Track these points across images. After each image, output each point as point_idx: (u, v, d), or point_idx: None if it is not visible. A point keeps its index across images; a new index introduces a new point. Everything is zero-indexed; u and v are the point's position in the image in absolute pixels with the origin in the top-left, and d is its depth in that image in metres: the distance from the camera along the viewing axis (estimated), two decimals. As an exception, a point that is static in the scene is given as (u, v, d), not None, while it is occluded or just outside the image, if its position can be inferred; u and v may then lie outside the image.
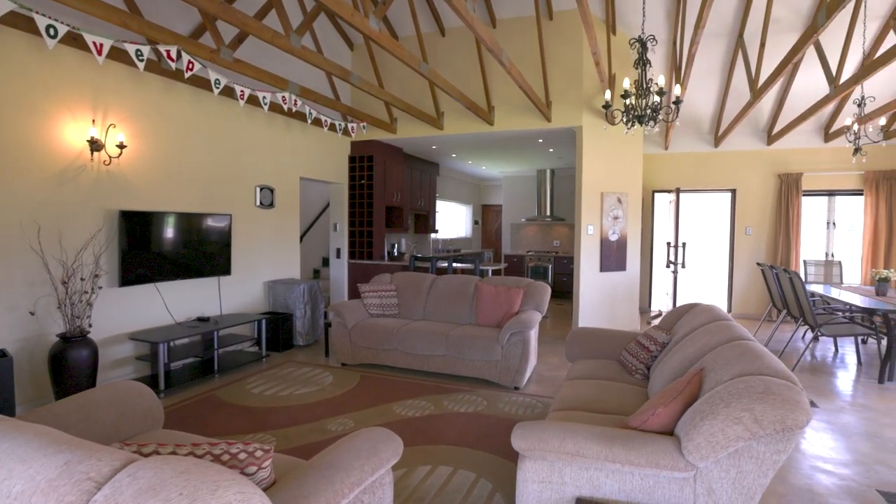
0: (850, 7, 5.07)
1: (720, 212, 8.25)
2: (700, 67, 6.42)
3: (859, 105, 5.19)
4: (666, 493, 1.86)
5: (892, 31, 5.13)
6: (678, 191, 7.02)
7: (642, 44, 3.78)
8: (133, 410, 2.22)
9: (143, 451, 1.40)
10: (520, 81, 4.59)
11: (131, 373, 4.29)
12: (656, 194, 8.24)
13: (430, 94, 6.43)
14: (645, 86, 3.79)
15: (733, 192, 7.86)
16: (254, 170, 5.48)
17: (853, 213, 7.63)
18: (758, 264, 6.36)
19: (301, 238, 8.17)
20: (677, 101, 3.73)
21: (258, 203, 5.53)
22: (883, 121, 5.49)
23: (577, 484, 1.94)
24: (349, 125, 6.26)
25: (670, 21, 5.82)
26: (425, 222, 9.06)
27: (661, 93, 3.65)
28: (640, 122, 3.81)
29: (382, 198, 7.23)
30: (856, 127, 5.31)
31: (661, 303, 8.32)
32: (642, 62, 3.80)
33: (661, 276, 8.90)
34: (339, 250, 7.20)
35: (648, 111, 3.78)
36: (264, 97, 4.78)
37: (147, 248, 4.24)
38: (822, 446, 3.31)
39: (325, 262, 8.58)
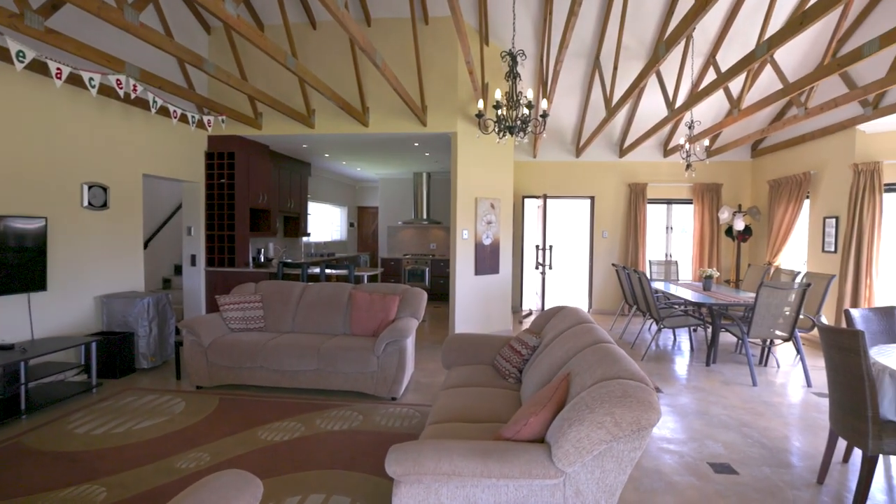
0: (682, 43, 5.85)
1: (582, 217, 9.03)
2: (564, 83, 6.94)
3: (690, 127, 6.01)
4: (538, 500, 1.88)
5: (711, 68, 6.04)
6: (545, 197, 7.51)
7: (512, 57, 3.92)
8: None
9: None
10: (394, 84, 4.49)
11: None
12: (526, 200, 8.75)
13: (301, 91, 6.03)
14: (515, 98, 3.94)
15: (592, 198, 8.65)
16: (80, 164, 4.61)
17: (685, 219, 8.86)
18: (612, 265, 7.05)
19: (146, 244, 7.16)
20: (544, 115, 3.93)
21: (86, 203, 4.66)
22: (706, 142, 6.43)
23: (454, 503, 1.89)
24: (205, 118, 5.61)
25: (538, 38, 6.18)
26: (296, 225, 8.53)
27: (529, 105, 3.80)
28: (511, 133, 3.94)
29: (246, 199, 6.62)
30: (687, 146, 6.15)
31: (531, 302, 8.84)
32: (513, 75, 3.94)
33: (531, 277, 9.46)
34: (194, 257, 6.42)
35: (518, 122, 3.92)
36: (91, 79, 4.03)
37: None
38: (666, 428, 3.71)
39: (178, 270, 7.62)
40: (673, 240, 8.81)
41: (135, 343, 4.74)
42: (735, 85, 6.29)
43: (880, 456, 2.60)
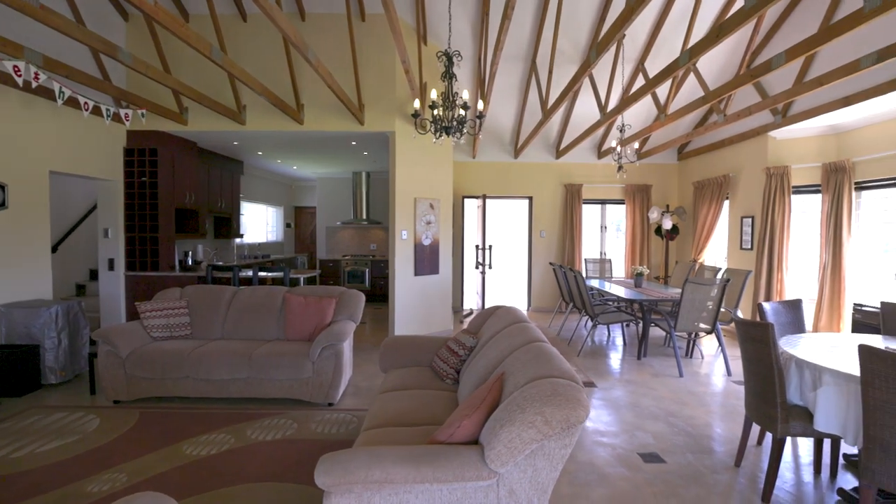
0: (612, 49, 6.09)
1: (521, 216, 9.21)
2: (503, 85, 7.04)
3: (621, 131, 6.27)
4: (473, 502, 1.87)
5: (641, 75, 6.32)
6: (484, 197, 7.58)
7: (448, 58, 3.90)
8: None
9: None
10: (328, 81, 4.35)
11: None
12: (466, 200, 8.81)
13: (230, 85, 5.73)
14: (451, 99, 3.93)
15: (530, 199, 8.84)
16: (-27, 159, 4.14)
17: (618, 219, 9.25)
18: (550, 264, 7.22)
19: (55, 248, 6.57)
20: (480, 116, 3.94)
21: (-19, 203, 4.19)
22: (636, 145, 6.74)
23: (387, 511, 1.84)
24: (122, 111, 5.20)
25: (476, 40, 6.22)
26: (228, 226, 8.11)
27: (465, 107, 3.81)
28: (447, 133, 3.93)
29: (171, 198, 6.21)
30: (619, 148, 6.41)
31: (472, 302, 8.91)
32: (449, 75, 3.92)
33: (472, 277, 9.53)
34: (112, 261, 5.94)
35: (455, 123, 3.92)
36: (-17, 64, 3.62)
37: None
38: (599, 421, 3.83)
39: (95, 275, 7.04)
40: (607, 238, 9.18)
41: (41, 356, 4.31)
42: (662, 92, 6.63)
43: (788, 438, 2.81)
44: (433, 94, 3.70)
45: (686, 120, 7.73)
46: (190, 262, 6.76)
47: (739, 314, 3.09)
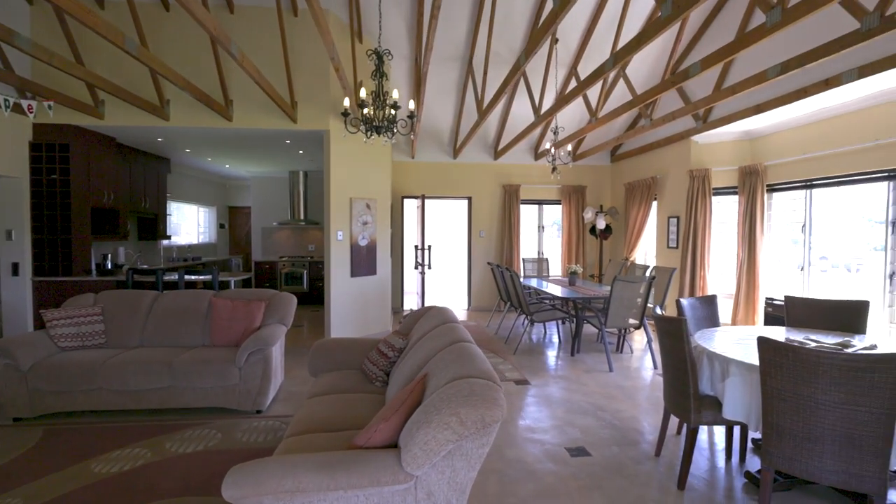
0: (545, 52, 6.24)
1: (461, 217, 9.27)
2: (440, 85, 7.05)
3: (555, 133, 6.44)
4: (391, 507, 1.84)
5: (573, 79, 6.52)
6: (423, 197, 7.57)
7: (379, 56, 3.85)
8: None
9: None
10: (256, 77, 4.18)
11: None
12: (405, 200, 8.76)
13: (152, 78, 5.39)
14: (382, 98, 3.88)
15: (469, 199, 8.92)
16: None
17: (555, 218, 9.51)
18: (488, 263, 7.31)
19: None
20: (412, 115, 3.91)
21: None
22: (570, 147, 6.95)
23: (300, 523, 1.77)
24: (25, 102, 4.76)
25: (412, 39, 6.19)
26: (153, 227, 7.64)
27: (395, 106, 3.77)
28: (378, 133, 3.88)
29: (86, 197, 5.77)
30: (553, 150, 6.58)
31: (412, 302, 8.88)
32: (379, 74, 3.87)
33: (412, 277, 9.49)
34: (16, 265, 5.43)
35: (385, 122, 3.87)
36: None
37: None
38: (531, 418, 3.90)
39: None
40: (545, 238, 9.42)
41: (-74, 373, 3.86)
42: (595, 96, 6.88)
43: (705, 427, 2.97)
44: (362, 93, 3.63)
45: (619, 124, 8.06)
46: (109, 266, 6.31)
47: (660, 310, 3.25)
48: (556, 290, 6.07)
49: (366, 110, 3.85)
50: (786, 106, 5.07)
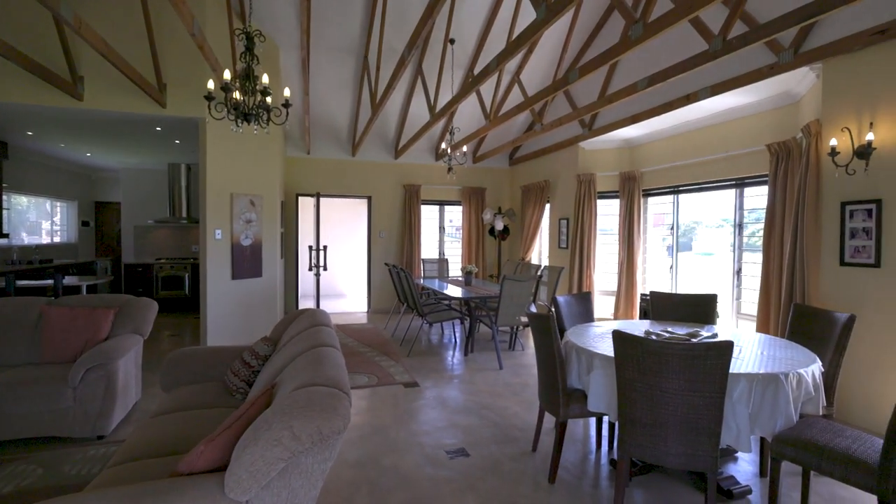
0: (438, 51, 6.21)
1: (360, 216, 9.01)
2: (335, 79, 6.76)
3: (451, 133, 6.43)
4: (218, 540, 1.59)
5: (470, 79, 6.56)
6: (318, 195, 7.22)
7: (248, 37, 3.53)
8: None
9: None
10: (102, 49, 3.65)
11: None
12: (301, 198, 8.32)
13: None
14: (253, 82, 3.56)
15: (369, 198, 8.68)
16: None
17: (457, 219, 9.57)
18: (385, 264, 7.13)
19: None
20: (287, 104, 3.63)
21: None
22: (465, 148, 6.99)
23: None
24: None
25: (303, 28, 5.84)
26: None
27: (265, 92, 3.47)
28: (248, 121, 3.55)
29: None
30: (449, 151, 6.56)
31: (308, 305, 8.45)
32: (249, 56, 3.55)
33: (307, 279, 9.06)
34: None
35: (256, 110, 3.56)
36: None
37: None
38: (416, 421, 3.78)
39: None
40: (446, 239, 9.44)
41: None
42: (489, 98, 6.98)
43: (578, 420, 3.03)
44: (226, 75, 3.30)
45: (516, 128, 8.28)
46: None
47: (533, 308, 3.32)
48: (454, 291, 6.05)
49: (237, 95, 3.51)
50: (656, 117, 5.47)
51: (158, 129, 5.82)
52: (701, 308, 3.73)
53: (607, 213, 7.26)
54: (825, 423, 2.47)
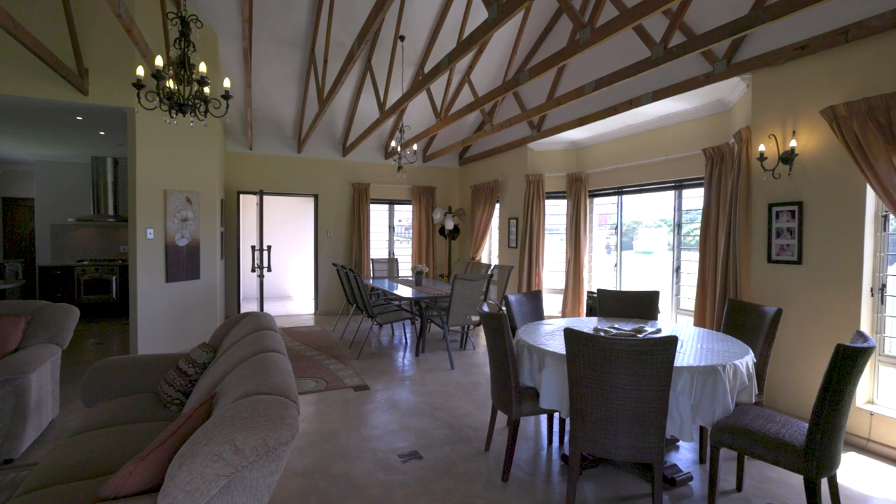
0: (388, 48, 6.10)
1: (307, 215, 8.71)
2: (281, 73, 6.49)
3: (401, 131, 6.34)
4: (149, 569, 1.45)
5: (420, 77, 6.49)
6: (262, 193, 6.91)
7: (183, 22, 3.29)
8: None
9: None
10: (7, 25, 3.27)
11: None
12: (242, 195, 7.94)
13: None
14: (188, 71, 3.32)
15: (316, 196, 8.42)
16: None
17: (406, 218, 9.47)
18: (333, 265, 6.94)
19: None
20: (227, 95, 3.42)
21: None
22: (416, 147, 6.92)
23: None
24: None
25: (245, 17, 5.55)
26: None
27: (203, 82, 3.25)
28: (183, 112, 3.32)
29: None
30: (399, 149, 6.47)
31: (252, 308, 8.08)
32: (183, 42, 3.31)
33: (250, 281, 8.67)
34: None
35: (193, 100, 3.33)
36: None
37: None
38: (367, 425, 3.68)
39: None
40: (395, 239, 9.33)
41: None
42: (440, 97, 6.95)
43: (531, 418, 3.04)
44: (158, 61, 3.06)
45: (466, 127, 8.30)
46: None
47: (486, 307, 3.32)
48: (404, 291, 5.97)
49: (171, 84, 3.26)
50: (602, 121, 5.63)
51: (79, 118, 5.33)
52: (644, 304, 3.87)
53: (555, 212, 7.41)
54: (757, 410, 2.62)
